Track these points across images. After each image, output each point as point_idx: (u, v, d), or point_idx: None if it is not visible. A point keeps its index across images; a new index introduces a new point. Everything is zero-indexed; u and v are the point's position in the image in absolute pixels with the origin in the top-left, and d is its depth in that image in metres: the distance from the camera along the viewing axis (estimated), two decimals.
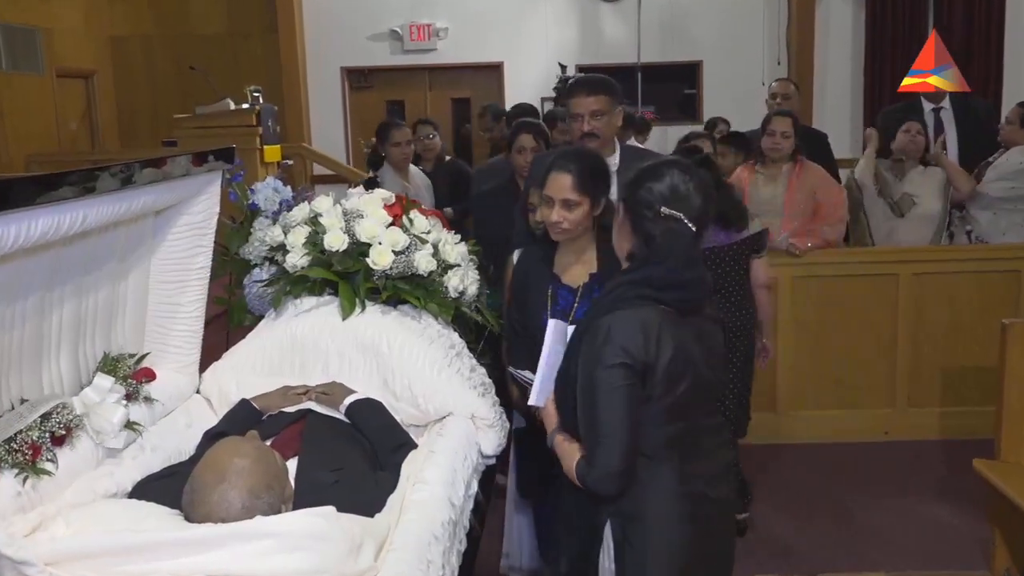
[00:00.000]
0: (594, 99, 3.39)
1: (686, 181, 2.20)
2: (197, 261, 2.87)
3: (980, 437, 3.93)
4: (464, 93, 11.19)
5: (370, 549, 2.07)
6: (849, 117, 10.48)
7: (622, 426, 2.09)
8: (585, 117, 3.40)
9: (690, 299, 2.19)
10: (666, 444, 2.17)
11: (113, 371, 2.61)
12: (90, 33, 10.89)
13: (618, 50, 10.39)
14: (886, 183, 5.22)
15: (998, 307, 4.82)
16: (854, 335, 4.97)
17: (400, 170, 5.46)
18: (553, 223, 2.86)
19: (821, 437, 4.96)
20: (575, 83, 3.57)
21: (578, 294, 2.95)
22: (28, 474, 2.16)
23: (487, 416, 2.93)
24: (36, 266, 2.23)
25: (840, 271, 4.89)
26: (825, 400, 5.06)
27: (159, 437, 2.64)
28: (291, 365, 3.06)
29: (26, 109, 9.54)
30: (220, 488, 2.05)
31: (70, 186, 2.02)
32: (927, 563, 3.78)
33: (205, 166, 2.70)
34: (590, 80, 3.57)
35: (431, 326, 3.14)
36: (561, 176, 2.84)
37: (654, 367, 2.11)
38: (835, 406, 5.04)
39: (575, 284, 2.97)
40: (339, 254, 3.13)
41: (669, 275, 2.16)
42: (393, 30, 10.78)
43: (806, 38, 10.35)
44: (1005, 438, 3.46)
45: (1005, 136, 5.45)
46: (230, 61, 10.92)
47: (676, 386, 2.13)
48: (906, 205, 5.20)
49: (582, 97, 3.42)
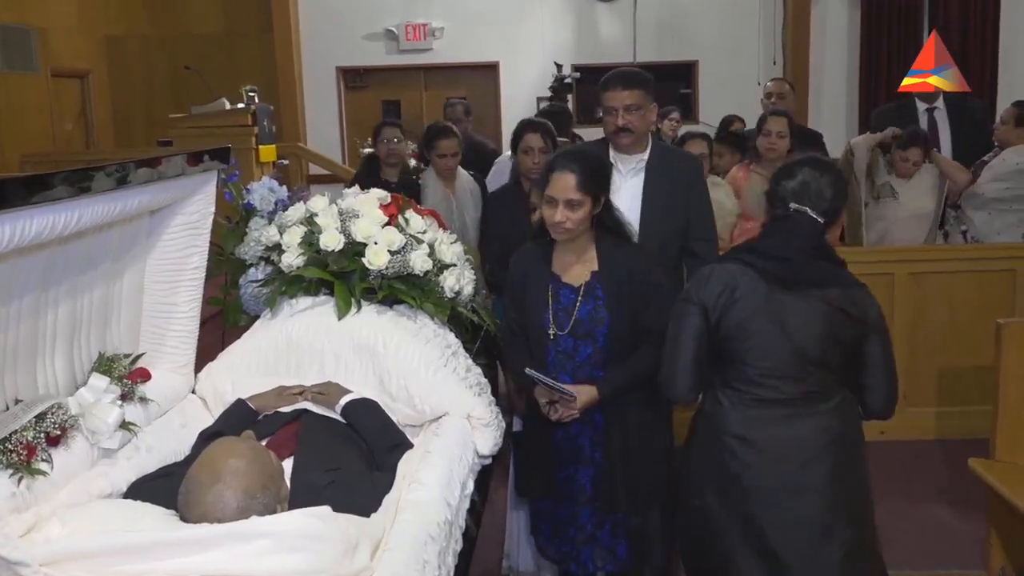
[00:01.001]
0: (628, 93, 3.37)
1: (817, 178, 2.47)
2: (192, 261, 2.86)
3: (977, 437, 3.93)
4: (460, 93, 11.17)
5: (366, 549, 2.07)
6: (844, 117, 10.50)
7: (683, 345, 2.48)
8: (619, 111, 3.38)
9: (784, 274, 2.42)
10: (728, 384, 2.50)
11: (108, 371, 2.60)
12: (85, 32, 10.88)
13: (614, 49, 10.41)
14: (877, 166, 5.24)
15: (995, 307, 4.81)
16: None
17: (445, 179, 5.00)
18: (556, 223, 2.85)
19: None
20: (610, 76, 3.48)
21: (580, 293, 2.95)
22: (23, 474, 2.16)
23: (483, 416, 2.93)
24: (31, 266, 2.23)
25: None
26: None
27: (154, 437, 2.63)
28: (287, 365, 3.05)
29: (21, 109, 9.53)
30: (216, 488, 2.04)
31: (65, 186, 2.01)
32: (924, 562, 3.78)
33: (200, 166, 2.69)
34: (625, 74, 3.48)
35: (427, 326, 3.14)
36: (564, 176, 2.83)
37: (722, 313, 2.44)
38: None
39: (576, 283, 2.96)
40: (335, 254, 3.12)
41: (772, 248, 2.46)
42: (389, 30, 10.78)
43: (802, 38, 10.37)
44: (1000, 438, 3.47)
45: (999, 136, 5.46)
46: (225, 61, 10.91)
47: (748, 338, 2.42)
48: (885, 192, 5.22)
49: (617, 91, 3.39)
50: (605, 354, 2.94)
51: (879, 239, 5.31)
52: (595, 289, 2.93)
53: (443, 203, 4.78)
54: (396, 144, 5.26)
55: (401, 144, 5.31)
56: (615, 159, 3.45)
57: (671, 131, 7.31)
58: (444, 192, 4.93)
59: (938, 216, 5.34)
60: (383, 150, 5.24)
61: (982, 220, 5.35)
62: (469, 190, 5.02)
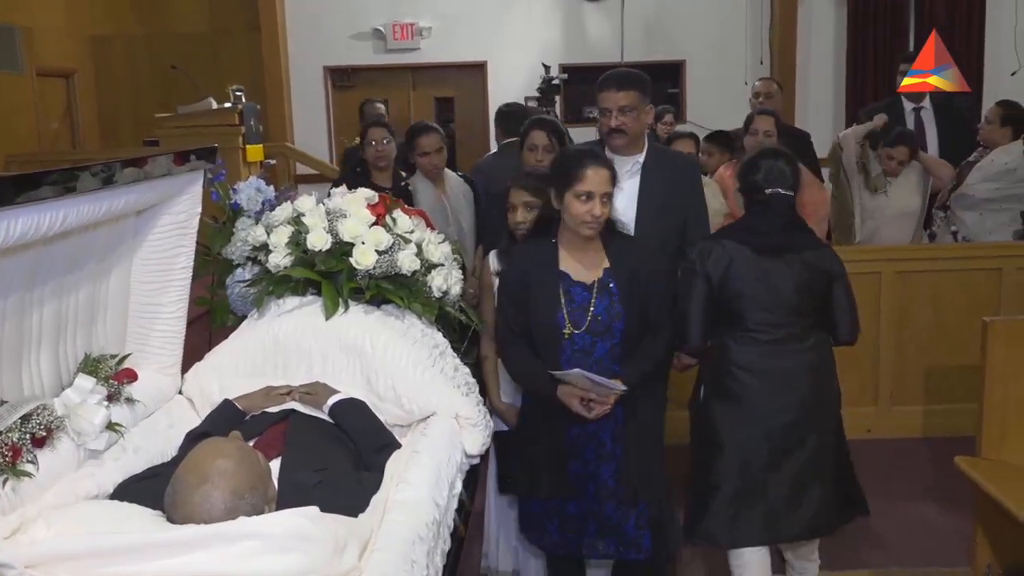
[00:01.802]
0: (624, 94, 3.37)
1: (776, 163, 3.16)
2: (179, 261, 2.86)
3: (963, 435, 3.95)
4: (448, 92, 11.18)
5: (354, 549, 2.07)
6: (832, 116, 10.52)
7: (695, 304, 3.14)
8: (613, 112, 3.38)
9: (768, 244, 3.12)
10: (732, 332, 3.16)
11: (94, 372, 2.59)
12: (71, 32, 10.82)
13: (602, 49, 10.40)
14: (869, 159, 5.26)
15: (981, 305, 4.84)
16: None
17: (433, 179, 4.78)
18: (597, 217, 2.93)
19: None
20: (606, 77, 3.47)
21: (594, 290, 2.99)
22: (8, 476, 2.15)
23: (471, 416, 2.93)
24: (16, 266, 2.21)
25: None
26: None
27: (141, 438, 2.63)
28: (274, 365, 3.04)
29: (6, 108, 9.47)
30: (203, 489, 2.04)
31: (50, 186, 2.00)
32: (910, 560, 3.81)
33: (187, 166, 2.68)
34: (621, 75, 3.49)
35: (414, 326, 3.14)
36: (602, 171, 2.93)
37: (719, 277, 3.11)
38: None
39: (589, 280, 3.00)
40: (322, 254, 3.12)
41: (757, 226, 3.16)
42: (376, 29, 10.75)
43: (789, 38, 10.39)
44: (986, 435, 3.48)
45: (984, 136, 5.49)
46: (211, 60, 10.88)
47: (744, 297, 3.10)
48: (880, 183, 5.24)
49: (611, 92, 3.39)
50: (622, 348, 3.00)
51: (869, 237, 5.33)
52: (608, 285, 2.99)
53: (437, 207, 4.61)
54: (385, 146, 4.85)
55: (391, 145, 4.88)
56: (611, 160, 3.41)
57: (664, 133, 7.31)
58: (436, 194, 4.74)
59: (923, 214, 5.36)
60: (371, 153, 4.86)
61: (973, 220, 5.38)
62: (461, 192, 4.86)
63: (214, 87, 8.02)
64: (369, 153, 4.88)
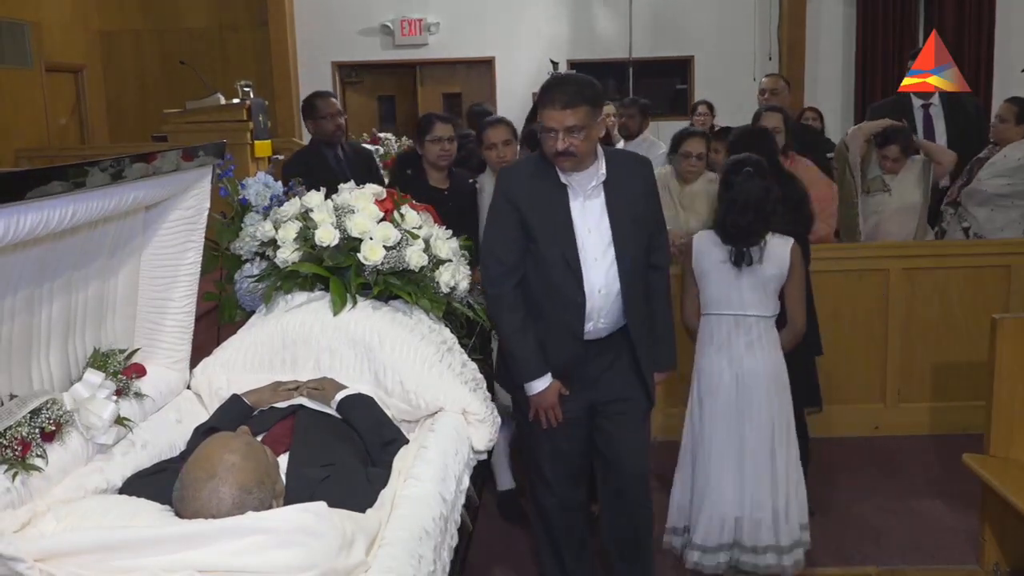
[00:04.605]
0: (571, 113, 2.84)
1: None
2: (187, 257, 2.86)
3: (971, 432, 3.95)
4: (455, 88, 11.20)
5: (361, 544, 2.07)
6: (840, 113, 10.51)
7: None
8: (560, 134, 2.86)
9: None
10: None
11: (103, 367, 2.60)
12: (79, 27, 10.86)
13: (610, 45, 10.40)
14: (869, 160, 5.26)
15: (989, 302, 4.83)
16: (844, 330, 4.98)
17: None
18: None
19: (811, 432, 4.96)
20: (546, 92, 2.93)
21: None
22: (18, 470, 2.16)
23: (478, 411, 2.93)
24: (25, 261, 2.22)
25: (830, 266, 4.89)
26: None
27: (149, 433, 2.63)
28: (282, 361, 3.05)
29: (15, 104, 9.51)
30: (211, 484, 2.04)
31: (59, 181, 2.01)
32: (917, 558, 3.80)
33: (195, 161, 2.69)
34: (566, 90, 2.88)
35: (422, 322, 3.14)
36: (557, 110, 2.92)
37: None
38: (825, 401, 5.04)
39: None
40: (330, 249, 3.12)
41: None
42: (384, 25, 10.77)
43: (797, 34, 10.38)
44: (994, 433, 3.48)
45: (997, 134, 5.46)
46: (220, 55, 10.91)
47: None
48: (875, 186, 5.23)
49: (555, 110, 2.86)
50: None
51: (872, 233, 5.32)
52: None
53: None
54: (450, 145, 4.41)
55: (454, 145, 4.46)
56: (568, 179, 3.00)
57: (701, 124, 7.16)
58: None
59: (926, 208, 5.35)
60: (433, 151, 4.38)
61: (984, 216, 5.36)
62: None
63: (222, 83, 8.03)
64: (431, 151, 4.40)
